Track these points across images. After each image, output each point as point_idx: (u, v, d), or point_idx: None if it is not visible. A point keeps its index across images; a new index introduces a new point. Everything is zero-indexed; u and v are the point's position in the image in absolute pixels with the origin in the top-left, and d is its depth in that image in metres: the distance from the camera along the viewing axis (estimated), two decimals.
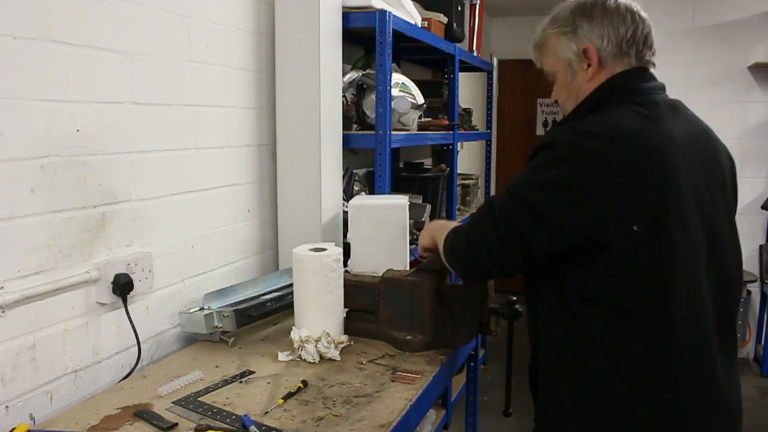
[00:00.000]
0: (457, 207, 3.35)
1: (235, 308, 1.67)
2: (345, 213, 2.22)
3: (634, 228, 1.15)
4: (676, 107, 1.35)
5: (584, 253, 1.20)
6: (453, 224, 1.49)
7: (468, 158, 4.88)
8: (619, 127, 1.21)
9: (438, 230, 1.54)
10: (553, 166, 1.20)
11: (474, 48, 3.84)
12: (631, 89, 1.30)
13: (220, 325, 1.65)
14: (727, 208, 1.36)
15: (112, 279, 1.50)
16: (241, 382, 1.45)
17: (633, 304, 1.19)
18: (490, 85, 4.23)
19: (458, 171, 3.39)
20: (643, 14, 1.33)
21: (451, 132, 3.08)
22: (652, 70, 1.35)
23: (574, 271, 1.23)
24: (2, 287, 1.27)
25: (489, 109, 4.28)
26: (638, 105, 1.26)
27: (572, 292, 1.24)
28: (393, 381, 1.46)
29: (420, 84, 2.66)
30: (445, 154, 3.32)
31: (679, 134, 1.26)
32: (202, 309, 1.70)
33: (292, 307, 1.70)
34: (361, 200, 1.99)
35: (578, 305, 1.23)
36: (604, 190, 1.16)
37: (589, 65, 1.32)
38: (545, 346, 1.34)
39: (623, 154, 1.17)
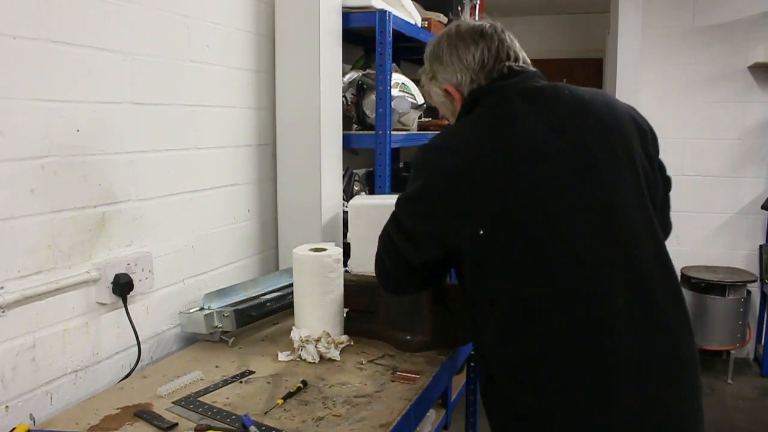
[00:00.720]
0: None
1: (235, 308, 1.67)
2: (345, 213, 2.22)
3: (480, 232, 1.18)
4: (540, 91, 1.30)
5: (453, 260, 1.28)
6: None
7: None
8: (456, 135, 1.29)
9: None
10: (411, 183, 1.29)
11: None
12: (480, 94, 1.31)
13: (220, 325, 1.65)
14: (635, 176, 1.26)
15: (112, 279, 1.50)
16: (241, 382, 1.45)
17: (497, 297, 1.20)
18: None
19: None
20: (488, 28, 1.36)
21: None
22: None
23: (461, 274, 1.31)
24: (2, 287, 1.27)
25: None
26: (488, 107, 1.28)
27: (467, 293, 1.30)
28: (393, 381, 1.46)
29: (420, 84, 2.65)
30: None
31: (537, 122, 1.23)
32: (202, 309, 1.70)
33: (292, 307, 1.70)
34: (361, 200, 1.99)
35: (471, 304, 1.28)
36: (446, 200, 1.21)
37: (454, 101, 1.39)
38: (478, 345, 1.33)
39: (458, 164, 1.21)
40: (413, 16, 2.57)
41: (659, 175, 1.36)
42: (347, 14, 2.19)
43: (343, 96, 2.29)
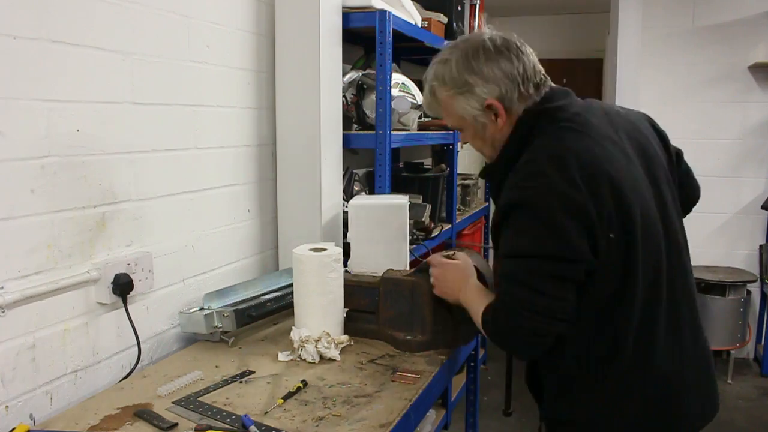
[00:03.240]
0: (457, 207, 3.35)
1: (235, 308, 1.67)
2: (345, 213, 2.22)
3: (611, 235, 1.23)
4: (592, 108, 1.37)
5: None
6: (473, 288, 1.48)
7: (468, 158, 4.87)
8: (564, 150, 1.24)
9: (463, 293, 1.50)
10: (536, 218, 1.22)
11: None
12: (552, 110, 1.32)
13: (220, 325, 1.65)
14: (670, 185, 1.40)
15: (112, 279, 1.50)
16: (241, 382, 1.45)
17: (608, 298, 1.28)
18: None
19: (458, 171, 3.39)
20: (519, 43, 1.34)
21: (451, 132, 3.08)
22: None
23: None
24: (2, 287, 1.27)
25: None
26: (566, 122, 1.30)
27: None
28: (393, 381, 1.46)
29: (420, 84, 2.65)
30: (445, 154, 3.32)
31: (608, 133, 1.31)
32: (202, 309, 1.70)
33: (292, 307, 1.70)
34: (361, 200, 1.99)
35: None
36: (581, 211, 1.20)
37: (496, 116, 1.33)
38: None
39: (577, 175, 1.21)
40: (413, 16, 2.57)
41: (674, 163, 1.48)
42: (347, 14, 2.19)
43: (343, 96, 2.29)
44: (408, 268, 1.84)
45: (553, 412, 1.41)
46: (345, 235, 2.19)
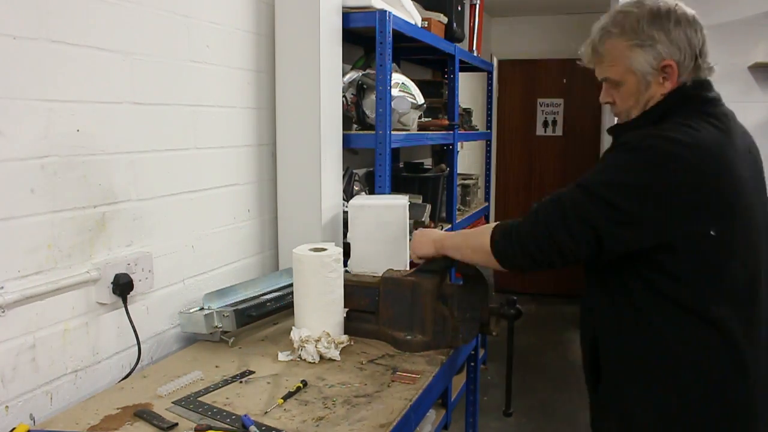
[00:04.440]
0: (457, 207, 3.35)
1: (235, 308, 1.67)
2: (345, 213, 2.22)
3: (711, 233, 1.24)
4: (735, 119, 1.41)
5: (650, 253, 1.27)
6: (451, 232, 1.55)
7: (468, 158, 4.88)
8: (702, 138, 1.26)
9: (445, 237, 1.60)
10: (642, 169, 1.24)
11: (474, 48, 3.84)
12: (701, 100, 1.35)
13: (220, 325, 1.65)
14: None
15: (112, 279, 1.50)
16: (241, 382, 1.45)
17: (696, 300, 1.27)
18: (490, 85, 4.23)
19: (458, 171, 3.39)
20: (699, 20, 1.36)
21: (451, 132, 3.09)
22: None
23: (639, 270, 1.30)
24: (2, 287, 1.27)
25: (489, 109, 4.28)
26: (710, 116, 1.31)
27: (638, 290, 1.31)
28: (393, 381, 1.46)
29: (420, 84, 2.66)
30: (445, 154, 3.32)
31: (740, 146, 1.35)
32: (202, 309, 1.70)
33: (292, 307, 1.70)
34: (361, 200, 1.99)
35: (644, 301, 1.30)
36: (689, 197, 1.23)
37: (665, 78, 1.33)
38: (606, 342, 1.39)
39: (706, 165, 1.24)
40: (413, 16, 2.57)
41: None
42: (347, 14, 2.19)
43: (343, 96, 2.29)
44: (408, 268, 1.84)
45: (621, 402, 1.38)
46: (345, 235, 2.19)
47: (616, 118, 1.46)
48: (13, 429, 1.19)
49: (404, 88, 2.45)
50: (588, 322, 1.46)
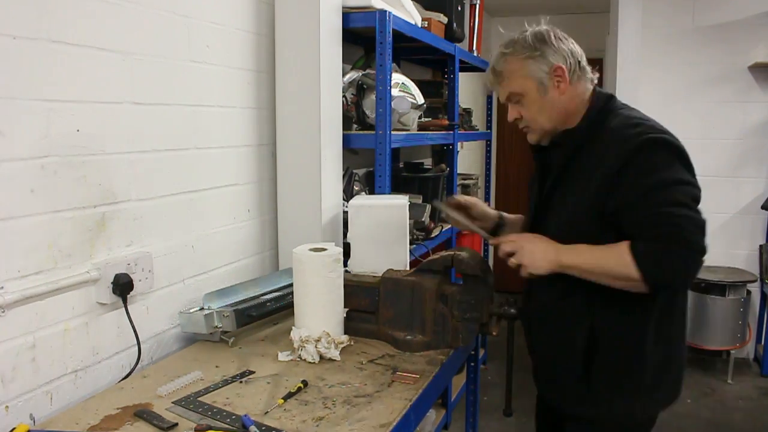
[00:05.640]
0: None
1: (235, 308, 1.67)
2: (345, 213, 2.22)
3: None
4: None
5: None
6: (557, 246, 1.48)
7: (468, 158, 4.88)
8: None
9: (561, 254, 1.48)
10: (675, 156, 1.43)
11: (474, 48, 3.84)
12: (609, 97, 1.58)
13: (220, 325, 1.65)
14: None
15: (112, 279, 1.50)
16: (241, 382, 1.45)
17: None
18: None
19: (458, 171, 3.39)
20: (556, 30, 1.58)
21: (451, 132, 3.08)
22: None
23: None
24: (2, 287, 1.27)
25: (489, 109, 4.29)
26: (628, 109, 1.57)
27: None
28: (393, 381, 1.46)
29: (420, 84, 2.66)
30: (445, 154, 3.32)
31: None
32: (202, 309, 1.70)
33: (292, 307, 1.70)
34: (361, 200, 1.99)
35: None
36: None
37: (559, 82, 1.52)
38: (607, 323, 1.50)
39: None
40: (413, 16, 2.57)
41: None
42: (347, 14, 2.19)
43: (343, 96, 2.29)
44: (408, 268, 1.84)
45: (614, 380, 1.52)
46: (345, 235, 2.19)
47: (529, 136, 1.60)
48: (13, 429, 1.19)
49: (404, 88, 2.45)
50: (582, 318, 1.51)
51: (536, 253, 1.47)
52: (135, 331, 1.56)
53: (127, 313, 1.55)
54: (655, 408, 1.56)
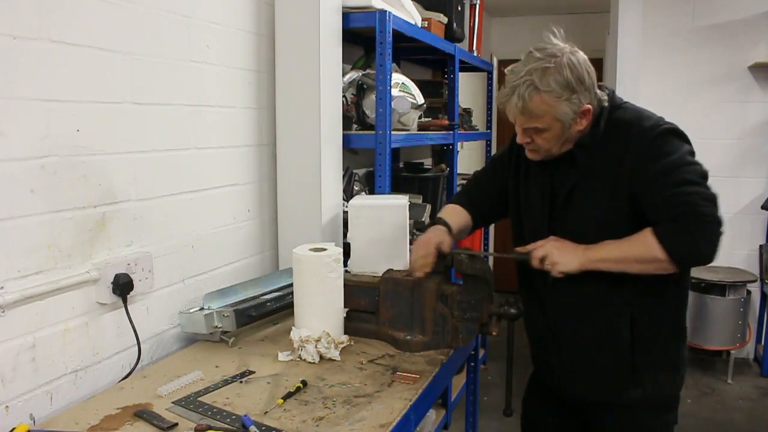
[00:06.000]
0: None
1: (235, 308, 1.67)
2: (345, 213, 2.22)
3: None
4: None
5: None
6: (583, 246, 1.53)
7: (468, 158, 4.87)
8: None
9: (592, 249, 1.52)
10: (685, 144, 1.51)
11: (474, 48, 3.84)
12: (619, 100, 1.62)
13: (220, 325, 1.65)
14: None
15: (112, 279, 1.50)
16: (241, 382, 1.45)
17: None
18: (490, 85, 4.22)
19: (458, 171, 3.39)
20: (579, 52, 1.52)
21: (451, 132, 3.08)
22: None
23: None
24: (2, 287, 1.27)
25: (489, 109, 4.28)
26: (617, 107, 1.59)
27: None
28: (393, 381, 1.46)
29: (420, 84, 2.66)
30: (445, 154, 3.32)
31: None
32: (202, 309, 1.70)
33: (292, 307, 1.70)
34: (361, 200, 1.99)
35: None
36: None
37: (582, 120, 1.51)
38: (646, 309, 1.57)
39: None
40: (413, 16, 2.57)
41: None
42: (347, 14, 2.19)
43: (343, 96, 2.29)
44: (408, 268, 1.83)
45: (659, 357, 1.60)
46: (345, 235, 2.19)
47: (532, 155, 1.59)
48: (13, 429, 1.19)
49: (404, 88, 2.45)
50: (622, 308, 1.57)
51: (567, 253, 1.52)
52: (135, 331, 1.56)
53: (127, 313, 1.55)
54: (683, 381, 1.67)
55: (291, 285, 1.73)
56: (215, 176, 1.90)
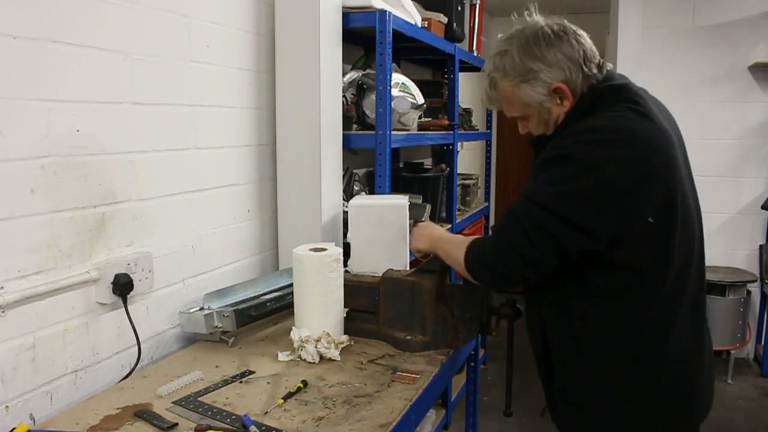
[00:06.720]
0: (457, 207, 3.35)
1: (235, 308, 1.67)
2: (345, 213, 2.22)
3: (649, 220, 1.27)
4: (648, 95, 1.43)
5: (604, 249, 1.30)
6: (447, 234, 1.60)
7: (468, 158, 4.88)
8: (627, 129, 1.28)
9: (440, 239, 1.62)
10: (579, 176, 1.26)
11: (474, 48, 3.84)
12: (617, 88, 1.37)
13: (220, 325, 1.65)
14: (692, 178, 1.45)
15: (112, 279, 1.50)
16: (241, 382, 1.45)
17: (636, 282, 1.32)
18: None
19: (458, 171, 3.39)
20: (573, 27, 1.40)
21: (451, 132, 3.08)
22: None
23: (583, 265, 1.33)
24: (2, 287, 1.27)
25: (489, 109, 4.28)
26: (629, 102, 1.33)
27: (583, 283, 1.36)
28: (393, 381, 1.46)
29: (420, 84, 2.66)
30: (445, 154, 3.32)
31: (662, 122, 1.35)
32: (202, 309, 1.70)
33: (292, 307, 1.70)
34: (361, 200, 1.99)
35: (590, 293, 1.36)
36: (627, 192, 1.25)
37: (562, 99, 1.36)
38: (555, 337, 1.44)
39: (637, 156, 1.25)
40: (413, 16, 2.57)
41: None
42: (347, 14, 2.19)
43: (343, 96, 2.29)
44: (408, 268, 1.84)
45: (569, 394, 1.45)
46: (345, 235, 2.19)
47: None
48: (13, 429, 1.19)
49: (404, 88, 2.45)
50: (535, 319, 1.49)
51: (423, 233, 1.67)
52: (135, 331, 1.56)
53: (127, 313, 1.55)
54: None
55: (291, 285, 1.73)
56: (215, 176, 1.90)
